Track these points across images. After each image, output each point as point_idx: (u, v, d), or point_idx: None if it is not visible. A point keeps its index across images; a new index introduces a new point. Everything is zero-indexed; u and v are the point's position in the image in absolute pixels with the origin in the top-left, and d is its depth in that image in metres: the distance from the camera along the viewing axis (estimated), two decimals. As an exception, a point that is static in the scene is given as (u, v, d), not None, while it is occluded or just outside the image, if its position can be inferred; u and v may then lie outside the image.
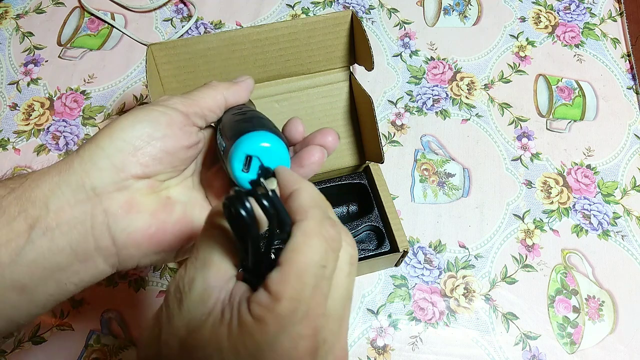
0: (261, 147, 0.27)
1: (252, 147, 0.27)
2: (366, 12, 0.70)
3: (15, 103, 0.62)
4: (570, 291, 0.52)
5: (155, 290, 0.51)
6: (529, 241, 0.54)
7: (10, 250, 0.25)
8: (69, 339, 0.49)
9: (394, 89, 0.64)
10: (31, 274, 0.25)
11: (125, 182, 0.27)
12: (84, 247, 0.27)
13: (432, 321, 0.50)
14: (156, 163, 0.28)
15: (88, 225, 0.26)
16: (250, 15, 0.69)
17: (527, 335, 0.50)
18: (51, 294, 0.27)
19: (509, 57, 0.66)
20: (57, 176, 0.26)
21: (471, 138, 0.60)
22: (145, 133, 0.27)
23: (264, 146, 0.27)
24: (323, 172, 0.52)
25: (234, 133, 0.28)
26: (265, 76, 0.50)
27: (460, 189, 0.57)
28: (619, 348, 0.49)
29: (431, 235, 0.55)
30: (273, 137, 0.28)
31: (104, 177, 0.27)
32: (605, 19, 0.70)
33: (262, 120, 0.30)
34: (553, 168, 0.59)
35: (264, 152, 0.27)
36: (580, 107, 0.63)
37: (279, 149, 0.28)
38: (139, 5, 0.70)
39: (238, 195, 0.21)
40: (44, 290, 0.26)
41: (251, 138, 0.27)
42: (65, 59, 0.66)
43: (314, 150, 0.30)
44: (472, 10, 0.70)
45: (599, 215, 0.56)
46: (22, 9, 0.70)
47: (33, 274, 0.26)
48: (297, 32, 0.47)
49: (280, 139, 0.28)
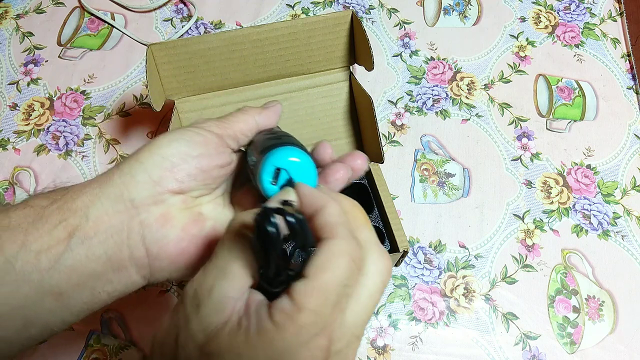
0: (290, 160, 0.29)
1: (281, 160, 0.28)
2: (366, 12, 0.70)
3: (15, 103, 0.62)
4: (570, 291, 0.52)
5: (156, 290, 0.51)
6: (529, 241, 0.54)
7: (50, 256, 0.26)
8: (69, 339, 0.49)
9: (394, 89, 0.64)
10: (68, 280, 0.27)
11: (161, 196, 0.29)
12: (119, 256, 0.28)
13: (432, 321, 0.50)
14: (191, 180, 0.30)
15: (124, 235, 0.28)
16: (250, 15, 0.69)
17: (527, 335, 0.50)
18: (85, 302, 0.28)
19: (509, 57, 0.66)
20: (98, 188, 0.28)
21: (471, 138, 0.60)
22: (182, 151, 0.29)
23: (293, 160, 0.29)
24: (323, 172, 0.52)
25: (264, 148, 0.30)
26: (265, 76, 0.50)
27: (460, 189, 0.57)
28: (619, 348, 0.49)
29: (431, 235, 0.55)
30: (302, 153, 0.29)
31: (142, 190, 0.28)
32: (605, 19, 0.70)
33: (292, 139, 0.32)
34: (553, 168, 0.59)
35: (292, 166, 0.29)
36: (580, 107, 0.63)
37: (307, 165, 0.29)
38: (139, 5, 0.70)
39: (267, 212, 0.22)
40: (79, 297, 0.28)
41: (281, 152, 0.29)
42: (65, 59, 0.66)
43: (338, 167, 0.31)
44: (472, 10, 0.70)
45: (599, 215, 0.56)
46: (22, 9, 0.70)
47: (70, 280, 0.27)
48: (297, 32, 0.47)
49: (308, 156, 0.29)
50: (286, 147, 0.29)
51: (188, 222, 0.30)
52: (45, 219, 0.27)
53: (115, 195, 0.28)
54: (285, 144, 0.30)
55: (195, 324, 0.23)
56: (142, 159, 0.29)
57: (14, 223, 0.27)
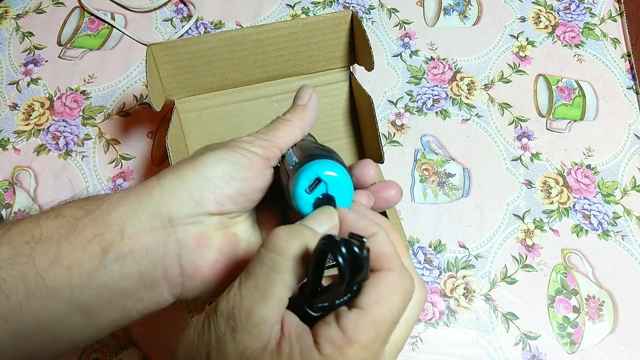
0: (332, 175, 0.27)
1: (324, 171, 0.27)
2: (366, 12, 0.70)
3: (15, 103, 0.62)
4: (570, 291, 0.52)
5: (155, 290, 0.51)
6: (529, 241, 0.54)
7: (82, 272, 0.25)
8: (69, 339, 0.49)
9: (394, 89, 0.64)
10: (99, 297, 0.26)
11: (199, 217, 0.28)
12: (153, 274, 0.27)
13: (432, 321, 0.50)
14: (231, 203, 0.29)
15: (160, 254, 0.27)
16: (250, 15, 0.69)
17: (527, 335, 0.50)
18: (114, 320, 0.27)
19: (509, 57, 0.66)
20: (136, 202, 0.27)
21: (471, 138, 0.60)
22: (227, 173, 0.28)
23: (334, 175, 0.27)
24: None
25: (311, 153, 0.29)
26: (265, 76, 0.50)
27: (460, 189, 0.57)
28: (619, 348, 0.49)
29: (431, 235, 0.55)
30: (345, 172, 0.28)
31: (182, 208, 0.27)
32: (605, 19, 0.70)
33: (337, 155, 0.31)
34: (553, 168, 0.59)
35: (333, 181, 0.28)
36: (580, 107, 0.63)
37: (347, 185, 0.28)
38: (139, 5, 0.70)
39: (339, 242, 0.22)
40: (108, 315, 0.27)
41: (326, 164, 0.28)
42: (65, 59, 0.66)
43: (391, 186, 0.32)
44: (472, 10, 0.70)
45: (599, 215, 0.56)
46: (22, 9, 0.70)
47: (101, 297, 0.26)
48: (297, 32, 0.47)
49: (349, 176, 0.28)
50: (332, 161, 0.28)
51: (223, 243, 0.29)
52: (79, 232, 0.26)
53: (153, 211, 0.27)
54: (332, 158, 0.29)
55: (231, 347, 0.22)
56: (185, 177, 0.27)
57: (46, 235, 0.26)
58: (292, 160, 0.30)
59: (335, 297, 0.23)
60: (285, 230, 0.24)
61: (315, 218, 0.26)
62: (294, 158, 0.30)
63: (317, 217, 0.26)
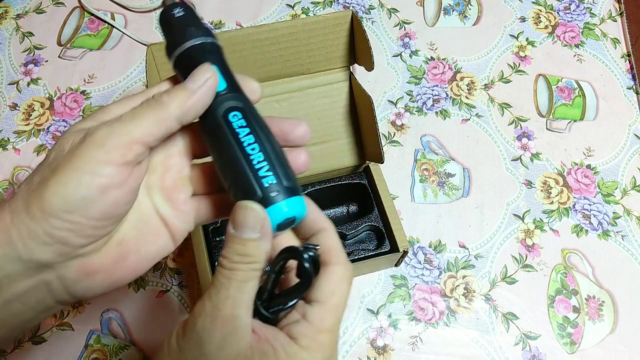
0: (301, 213, 0.27)
1: (294, 215, 0.27)
2: (366, 12, 0.70)
3: (15, 103, 0.62)
4: (570, 291, 0.52)
5: (155, 290, 0.51)
6: (529, 241, 0.54)
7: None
8: (69, 339, 0.49)
9: (394, 89, 0.64)
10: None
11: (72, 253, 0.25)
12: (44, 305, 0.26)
13: (432, 321, 0.50)
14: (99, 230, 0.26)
15: (45, 291, 0.26)
16: (250, 15, 0.69)
17: (527, 335, 0.50)
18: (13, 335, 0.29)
19: (509, 57, 0.66)
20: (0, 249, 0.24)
21: (471, 138, 0.60)
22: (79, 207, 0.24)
23: (293, 218, 0.27)
24: (323, 172, 0.52)
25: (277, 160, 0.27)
26: (265, 76, 0.50)
27: (460, 189, 0.57)
28: (619, 348, 0.49)
29: (431, 235, 0.55)
30: (299, 204, 0.27)
31: (49, 252, 0.24)
32: (605, 19, 0.70)
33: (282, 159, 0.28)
34: (553, 168, 0.59)
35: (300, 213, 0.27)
36: (580, 107, 0.63)
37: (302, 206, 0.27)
38: (139, 5, 0.70)
39: (300, 252, 0.25)
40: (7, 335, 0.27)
41: (294, 204, 0.26)
42: (65, 59, 0.66)
43: None
44: (472, 10, 0.70)
45: (599, 215, 0.56)
46: (22, 9, 0.70)
47: None
48: (297, 32, 0.47)
49: (303, 202, 0.27)
50: (297, 197, 0.27)
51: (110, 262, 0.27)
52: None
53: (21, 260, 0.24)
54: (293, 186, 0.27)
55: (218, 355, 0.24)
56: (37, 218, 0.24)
57: None
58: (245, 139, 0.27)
59: (291, 299, 0.26)
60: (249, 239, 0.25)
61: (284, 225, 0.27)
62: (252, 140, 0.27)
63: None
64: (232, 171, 0.27)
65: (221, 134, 0.27)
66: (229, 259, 0.25)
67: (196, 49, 0.28)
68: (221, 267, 0.25)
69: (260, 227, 0.25)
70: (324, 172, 0.52)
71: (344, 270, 0.26)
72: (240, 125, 0.27)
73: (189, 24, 0.29)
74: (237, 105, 0.28)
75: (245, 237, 0.25)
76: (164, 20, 0.30)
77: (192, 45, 0.28)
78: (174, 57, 0.29)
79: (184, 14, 0.29)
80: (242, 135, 0.27)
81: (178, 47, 0.28)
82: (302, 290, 0.26)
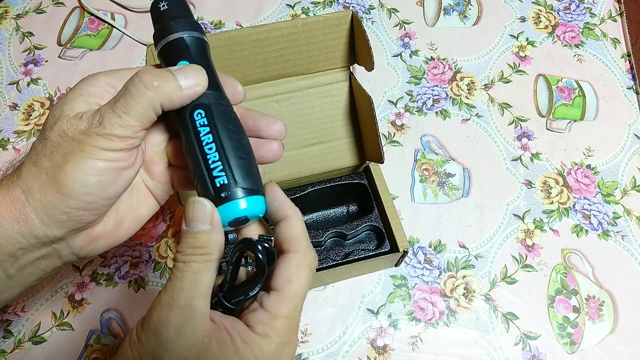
0: (255, 213, 0.28)
1: (246, 214, 0.28)
2: (366, 12, 0.70)
3: (15, 103, 0.62)
4: (570, 291, 0.52)
5: (155, 290, 0.51)
6: (529, 241, 0.54)
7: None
8: (69, 339, 0.49)
9: (394, 89, 0.64)
10: None
11: (83, 227, 0.29)
12: (54, 266, 0.30)
13: (432, 321, 0.50)
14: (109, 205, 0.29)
15: (55, 256, 0.29)
16: (250, 15, 0.69)
17: (527, 335, 0.50)
18: (25, 291, 0.31)
19: (509, 57, 0.66)
20: (16, 224, 0.27)
21: (471, 138, 0.60)
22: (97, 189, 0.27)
23: (248, 216, 0.28)
24: (323, 172, 0.52)
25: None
26: (265, 76, 0.50)
27: (460, 189, 0.57)
28: (619, 348, 0.49)
29: (431, 235, 0.55)
30: (253, 203, 0.28)
31: (63, 228, 0.27)
32: (605, 19, 0.70)
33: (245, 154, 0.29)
34: (553, 168, 0.59)
35: (254, 212, 0.28)
36: (580, 107, 0.63)
37: (261, 202, 0.29)
38: (139, 5, 0.70)
39: (254, 243, 0.26)
40: (20, 291, 0.30)
41: (236, 209, 0.28)
42: (65, 59, 0.66)
43: None
44: (472, 10, 0.70)
45: (599, 215, 0.56)
46: (22, 9, 0.70)
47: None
48: (297, 32, 0.47)
49: (261, 202, 0.29)
50: (237, 200, 0.28)
51: (111, 228, 0.30)
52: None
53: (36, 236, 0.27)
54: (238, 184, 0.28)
55: (178, 346, 0.24)
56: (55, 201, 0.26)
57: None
58: None
59: (250, 289, 0.27)
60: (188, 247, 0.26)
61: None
62: None
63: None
64: (192, 168, 0.29)
65: (185, 130, 0.29)
66: (182, 252, 0.26)
67: (178, 42, 0.30)
68: (176, 262, 0.26)
69: (210, 220, 0.26)
70: (324, 172, 0.52)
71: (303, 258, 0.27)
72: (201, 123, 0.29)
73: (174, 17, 0.30)
74: (203, 102, 0.29)
75: (196, 230, 0.26)
76: (153, 13, 0.31)
77: (175, 39, 0.29)
78: (158, 47, 0.30)
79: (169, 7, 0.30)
80: (202, 134, 0.28)
81: (162, 39, 0.30)
82: (258, 281, 0.27)
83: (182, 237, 0.27)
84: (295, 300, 0.26)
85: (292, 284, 0.26)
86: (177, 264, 0.26)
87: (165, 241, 0.54)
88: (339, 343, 0.49)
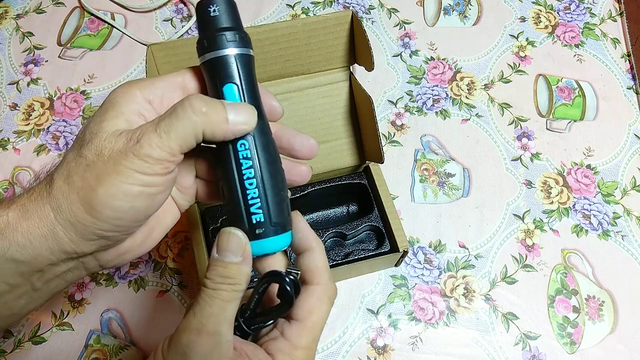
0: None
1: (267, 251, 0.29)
2: (366, 12, 0.70)
3: (15, 103, 0.62)
4: (570, 291, 0.52)
5: (155, 290, 0.51)
6: (529, 241, 0.54)
7: None
8: (69, 339, 0.49)
9: (394, 89, 0.64)
10: None
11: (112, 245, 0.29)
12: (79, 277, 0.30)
13: (432, 321, 0.50)
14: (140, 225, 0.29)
15: (82, 269, 0.29)
16: (250, 15, 0.69)
17: (527, 335, 0.50)
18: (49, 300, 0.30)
19: (509, 57, 0.66)
20: (45, 242, 0.26)
21: (471, 138, 0.60)
22: (129, 214, 0.27)
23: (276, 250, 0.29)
24: (323, 172, 0.52)
25: None
26: (265, 76, 0.50)
27: (460, 189, 0.57)
28: (619, 348, 0.49)
29: (431, 235, 0.55)
30: (282, 240, 0.29)
31: (92, 246, 0.27)
32: (605, 19, 0.70)
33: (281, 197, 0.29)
34: (553, 168, 0.59)
35: None
36: (580, 107, 0.63)
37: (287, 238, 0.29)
38: (139, 5, 0.70)
39: (283, 276, 0.28)
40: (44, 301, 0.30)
41: (274, 243, 0.28)
42: (65, 59, 0.66)
43: None
44: (472, 10, 0.70)
45: (599, 215, 0.56)
46: (22, 9, 0.70)
47: None
48: (297, 32, 0.47)
49: (288, 237, 0.29)
50: (278, 238, 0.29)
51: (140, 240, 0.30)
52: None
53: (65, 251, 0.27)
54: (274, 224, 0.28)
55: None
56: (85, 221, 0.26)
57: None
58: None
59: (273, 318, 0.28)
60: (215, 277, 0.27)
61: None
62: None
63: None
64: (228, 197, 0.28)
65: (226, 159, 0.28)
66: (212, 280, 0.26)
67: (228, 61, 0.28)
68: (204, 287, 0.27)
69: (242, 252, 0.27)
70: (324, 172, 0.52)
71: (325, 291, 0.28)
72: (244, 156, 0.28)
73: (226, 27, 0.28)
74: (248, 132, 0.28)
75: (227, 260, 0.27)
76: (200, 14, 0.28)
77: (226, 55, 0.28)
78: (204, 58, 0.28)
79: (220, 14, 0.28)
80: (244, 167, 0.28)
81: (209, 52, 0.28)
82: (283, 311, 0.28)
83: (211, 264, 0.27)
84: (314, 332, 0.28)
85: (313, 316, 0.28)
86: (206, 290, 0.26)
87: (165, 241, 0.54)
88: (339, 343, 0.49)
